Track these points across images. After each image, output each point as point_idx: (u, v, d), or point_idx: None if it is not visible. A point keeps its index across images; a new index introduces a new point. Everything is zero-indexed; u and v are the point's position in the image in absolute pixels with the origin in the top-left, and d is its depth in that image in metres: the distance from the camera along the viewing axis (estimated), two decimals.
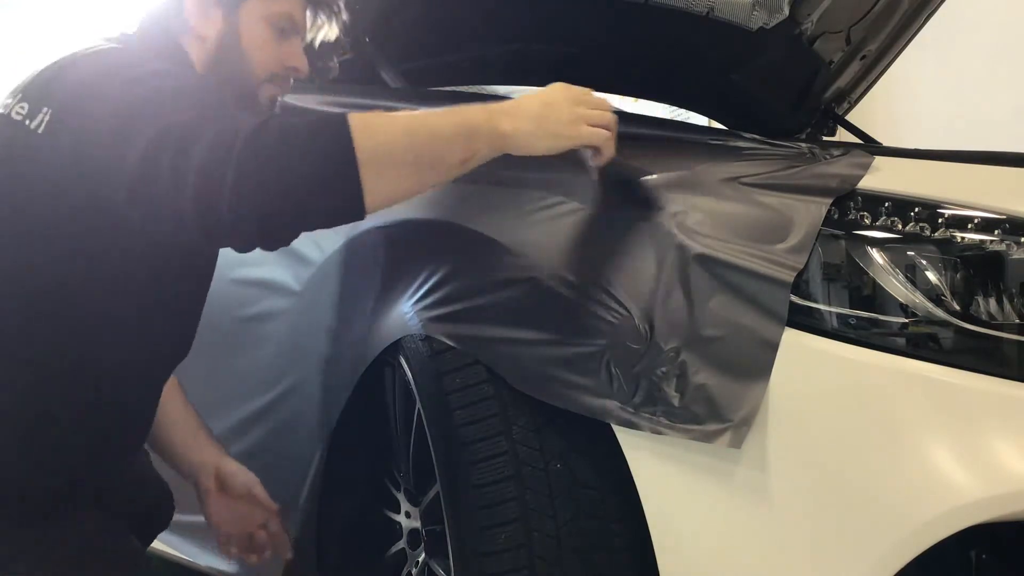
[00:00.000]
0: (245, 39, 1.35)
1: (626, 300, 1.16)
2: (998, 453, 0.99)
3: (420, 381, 1.32)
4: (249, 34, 1.35)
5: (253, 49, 1.36)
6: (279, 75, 1.39)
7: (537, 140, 1.17)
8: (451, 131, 1.14)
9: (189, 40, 1.35)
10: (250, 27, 1.35)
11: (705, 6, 2.09)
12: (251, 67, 1.36)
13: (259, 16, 1.36)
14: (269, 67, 1.37)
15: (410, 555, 1.57)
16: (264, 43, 1.36)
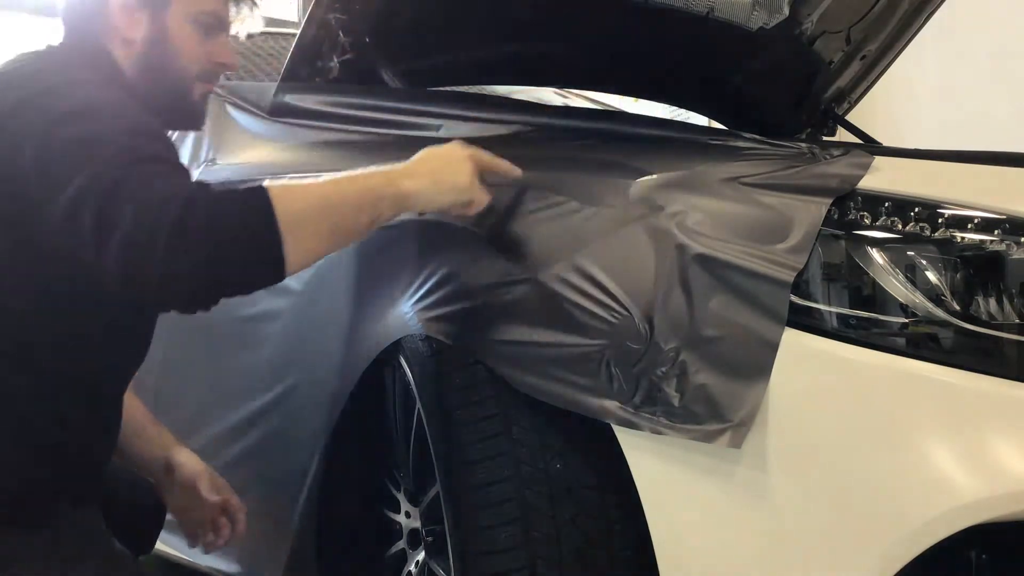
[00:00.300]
0: (172, 40, 1.37)
1: (626, 300, 1.16)
2: (998, 453, 0.99)
3: (420, 381, 1.32)
4: (176, 35, 1.37)
5: (181, 49, 1.37)
6: (209, 72, 1.41)
7: (436, 196, 1.25)
8: (358, 200, 1.21)
9: (116, 44, 1.35)
10: (177, 28, 1.37)
11: (705, 6, 2.08)
12: (180, 67, 1.38)
13: (185, 16, 1.37)
14: (198, 65, 1.39)
15: (410, 555, 1.57)
16: (191, 42, 1.38)
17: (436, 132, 1.60)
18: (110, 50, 1.35)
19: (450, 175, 1.25)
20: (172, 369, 1.96)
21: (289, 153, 1.81)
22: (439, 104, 1.65)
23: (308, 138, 1.79)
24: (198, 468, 1.57)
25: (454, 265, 1.34)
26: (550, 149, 1.48)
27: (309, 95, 1.83)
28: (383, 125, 1.68)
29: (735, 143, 1.32)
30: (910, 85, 3.82)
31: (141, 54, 1.36)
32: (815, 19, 2.16)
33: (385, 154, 1.62)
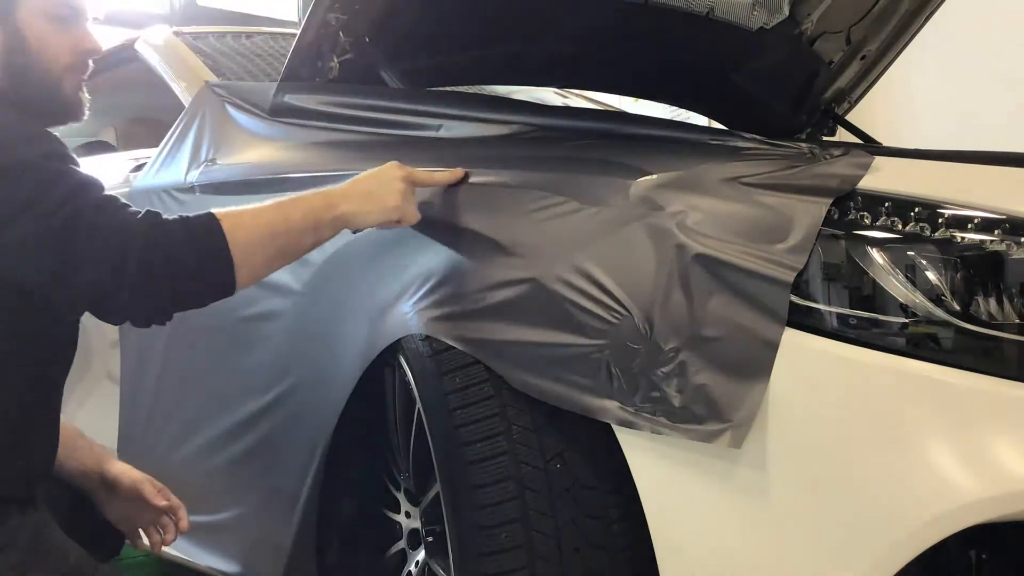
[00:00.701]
0: (30, 40, 1.36)
1: (626, 300, 1.16)
2: (998, 453, 0.99)
3: (420, 381, 1.32)
4: (32, 33, 1.36)
5: (42, 48, 1.37)
6: (76, 63, 1.40)
7: (369, 214, 1.35)
8: (302, 224, 1.32)
9: None
10: (30, 26, 1.36)
11: (705, 6, 2.08)
12: (45, 65, 1.37)
13: (36, 13, 1.36)
14: (63, 58, 1.38)
15: (410, 555, 1.57)
16: (50, 38, 1.37)
17: (436, 132, 1.60)
18: None
19: (380, 197, 1.35)
20: (172, 369, 1.96)
21: (289, 153, 1.81)
22: (439, 104, 1.65)
23: (308, 138, 1.79)
24: (137, 476, 1.59)
25: (454, 265, 1.34)
26: (550, 149, 1.48)
27: (309, 95, 1.83)
28: (383, 125, 1.68)
29: (735, 143, 1.32)
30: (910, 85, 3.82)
31: (2, 60, 1.36)
32: (815, 19, 2.16)
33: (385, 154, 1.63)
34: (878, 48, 2.30)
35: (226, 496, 1.84)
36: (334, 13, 1.78)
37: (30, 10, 1.36)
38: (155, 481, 1.61)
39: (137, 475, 1.59)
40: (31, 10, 1.36)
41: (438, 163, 1.50)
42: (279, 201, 1.33)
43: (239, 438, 1.77)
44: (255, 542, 1.77)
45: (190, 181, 1.98)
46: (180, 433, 1.92)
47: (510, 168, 1.41)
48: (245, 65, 2.43)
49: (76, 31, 1.40)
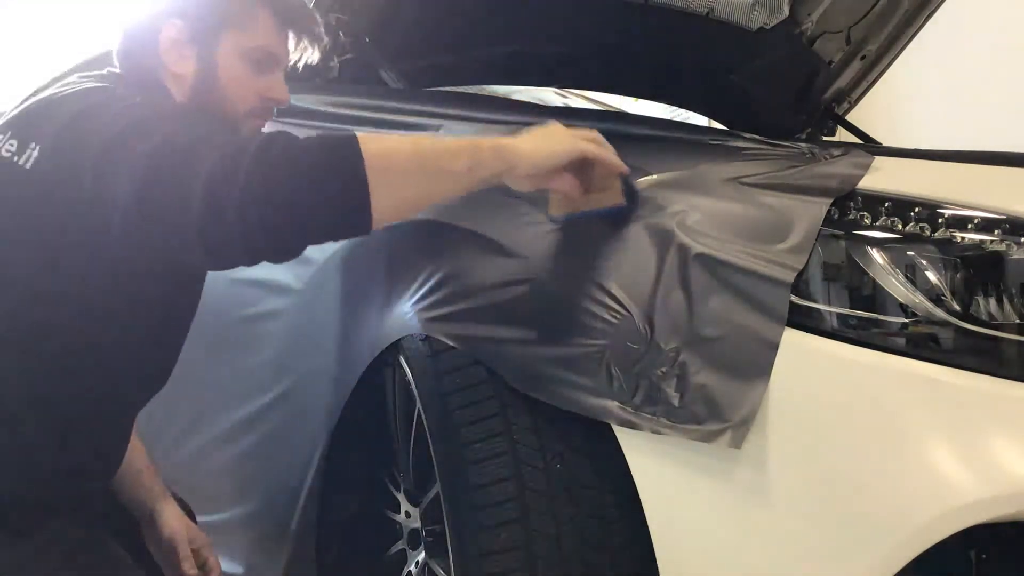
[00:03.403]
0: (222, 76, 1.34)
1: (626, 300, 1.16)
2: (998, 453, 0.99)
3: (420, 381, 1.32)
4: (226, 70, 1.34)
5: (231, 85, 1.34)
6: (259, 109, 1.38)
7: (538, 154, 1.19)
8: (456, 145, 1.16)
9: (167, 77, 1.34)
10: (227, 64, 1.34)
11: (705, 6, 2.09)
12: (230, 103, 1.35)
13: (235, 52, 1.34)
14: (248, 101, 1.36)
15: (410, 555, 1.57)
16: (242, 78, 1.35)
17: (436, 132, 1.60)
18: (163, 82, 1.34)
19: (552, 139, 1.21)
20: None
21: None
22: (439, 104, 1.65)
23: None
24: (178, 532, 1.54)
25: (454, 265, 1.34)
26: None
27: (309, 95, 1.83)
28: (383, 125, 1.68)
29: (735, 143, 1.32)
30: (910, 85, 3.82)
31: (191, 90, 1.33)
32: (815, 19, 2.17)
33: None
34: (878, 48, 2.30)
35: (226, 496, 1.84)
36: (334, 13, 1.78)
37: (231, 49, 1.34)
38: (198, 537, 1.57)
39: (179, 530, 1.53)
40: (231, 49, 1.34)
41: None
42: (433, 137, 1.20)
43: (239, 438, 1.77)
44: (255, 542, 1.77)
45: None
46: (180, 433, 1.92)
47: None
48: None
49: (269, 79, 1.37)
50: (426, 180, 1.15)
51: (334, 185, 1.08)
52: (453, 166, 1.15)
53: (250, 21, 1.35)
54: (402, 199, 1.14)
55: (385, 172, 1.10)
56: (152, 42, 1.33)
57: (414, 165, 1.14)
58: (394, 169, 1.12)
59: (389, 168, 1.11)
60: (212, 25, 1.33)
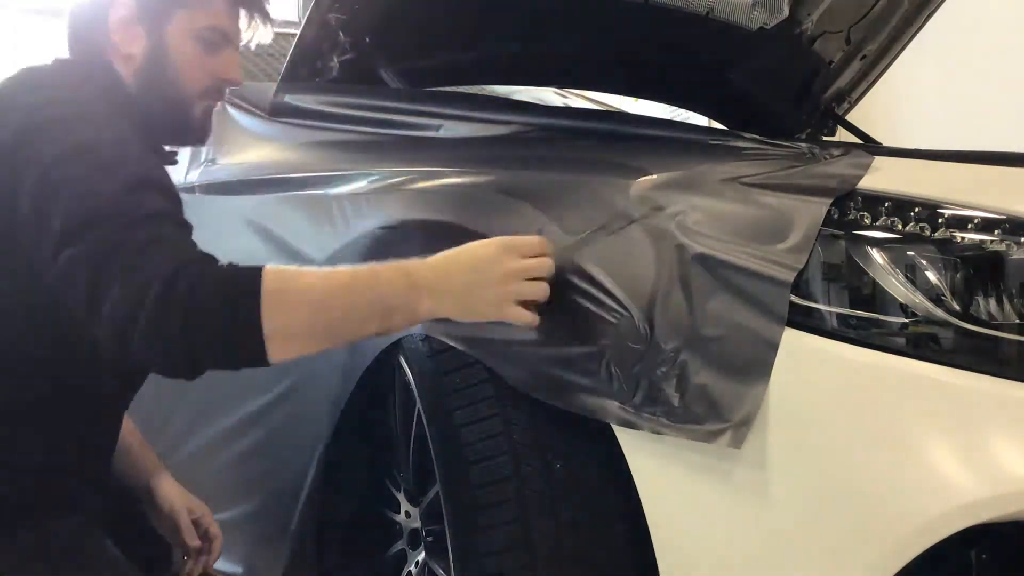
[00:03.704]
0: (172, 56, 1.33)
1: (626, 300, 1.16)
2: (998, 453, 0.99)
3: (420, 381, 1.32)
4: (177, 50, 1.33)
5: (182, 68, 1.33)
6: (212, 89, 1.37)
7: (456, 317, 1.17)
8: (367, 309, 1.12)
9: (117, 59, 1.33)
10: (177, 43, 1.33)
11: (705, 6, 2.08)
12: (182, 83, 1.34)
13: (186, 31, 1.33)
14: (201, 82, 1.36)
15: (410, 555, 1.57)
16: (193, 58, 1.34)
17: (436, 132, 1.60)
18: (114, 65, 1.33)
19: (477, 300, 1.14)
20: None
21: (289, 153, 1.81)
22: (439, 104, 1.65)
23: (308, 138, 1.79)
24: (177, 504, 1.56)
25: None
26: (550, 149, 1.48)
27: (309, 95, 1.83)
28: (383, 125, 1.68)
29: (735, 143, 1.32)
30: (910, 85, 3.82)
31: (141, 69, 1.33)
32: (815, 19, 2.16)
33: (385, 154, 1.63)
34: (878, 48, 2.30)
35: (226, 496, 1.84)
36: (334, 13, 1.78)
37: (181, 28, 1.33)
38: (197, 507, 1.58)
39: (178, 503, 1.55)
40: (182, 28, 1.33)
41: (438, 163, 1.50)
42: (352, 271, 1.14)
43: (240, 438, 1.77)
44: (255, 542, 1.77)
45: (190, 181, 1.98)
46: (180, 433, 1.92)
47: (510, 168, 1.41)
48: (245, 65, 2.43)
49: (221, 58, 1.37)
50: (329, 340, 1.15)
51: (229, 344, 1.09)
52: (360, 330, 1.15)
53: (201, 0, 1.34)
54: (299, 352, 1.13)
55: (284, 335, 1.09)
56: (101, 22, 1.32)
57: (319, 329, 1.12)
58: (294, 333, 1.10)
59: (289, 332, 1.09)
60: (163, 4, 1.32)
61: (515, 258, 1.15)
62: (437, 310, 1.14)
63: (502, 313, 1.14)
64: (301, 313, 1.10)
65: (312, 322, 1.11)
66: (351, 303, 1.12)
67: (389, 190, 1.50)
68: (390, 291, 1.13)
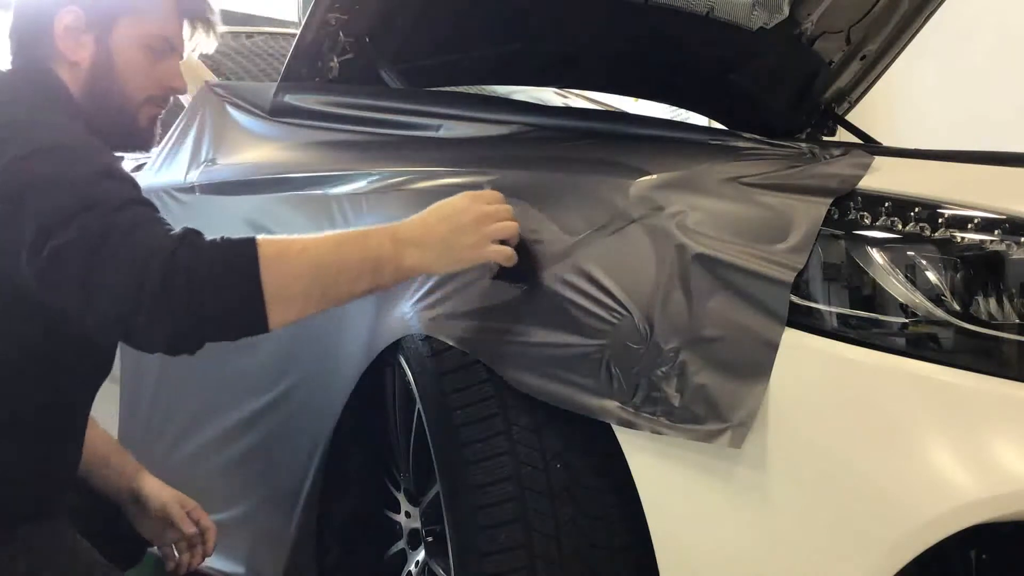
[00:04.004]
0: (119, 63, 1.34)
1: (626, 300, 1.16)
2: (998, 453, 0.99)
3: (420, 381, 1.32)
4: (123, 58, 1.35)
5: (128, 74, 1.35)
6: (158, 96, 1.39)
7: (441, 266, 1.23)
8: (358, 267, 1.17)
9: (62, 67, 1.33)
10: (124, 51, 1.34)
11: (705, 6, 2.09)
12: (128, 90, 1.36)
13: (132, 39, 1.35)
14: (146, 89, 1.37)
15: (410, 555, 1.57)
16: (139, 66, 1.36)
17: (436, 132, 1.60)
18: (58, 74, 1.33)
19: (458, 247, 1.20)
20: (172, 369, 1.95)
21: (289, 153, 1.81)
22: (439, 104, 1.65)
23: (308, 138, 1.79)
24: (167, 497, 1.57)
25: None
26: (550, 149, 1.48)
27: (309, 95, 1.83)
28: (383, 125, 1.68)
29: (735, 143, 1.32)
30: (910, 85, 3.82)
31: (87, 76, 1.34)
32: (815, 19, 2.16)
33: (385, 154, 1.63)
34: (878, 48, 2.30)
35: (226, 496, 1.84)
36: (334, 13, 1.78)
37: (128, 34, 1.35)
38: (186, 500, 1.59)
39: (167, 496, 1.57)
40: (129, 34, 1.35)
41: (438, 163, 1.50)
42: (340, 234, 1.20)
43: (239, 438, 1.77)
44: (255, 542, 1.77)
45: (190, 181, 1.98)
46: (180, 433, 1.92)
47: (510, 168, 1.41)
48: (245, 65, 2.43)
49: (166, 66, 1.39)
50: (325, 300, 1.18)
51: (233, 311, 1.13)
52: (354, 290, 1.19)
53: (148, 8, 1.36)
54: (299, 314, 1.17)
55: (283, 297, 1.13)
56: (46, 31, 1.33)
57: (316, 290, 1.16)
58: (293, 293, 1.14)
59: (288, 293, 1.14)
60: (110, 11, 1.34)
61: (482, 204, 1.22)
62: (422, 261, 1.20)
63: (483, 254, 1.20)
64: (299, 275, 1.14)
65: (309, 283, 1.15)
66: (343, 262, 1.17)
67: (389, 190, 1.50)
68: (377, 248, 1.18)
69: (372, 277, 1.18)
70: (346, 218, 1.55)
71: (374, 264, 1.18)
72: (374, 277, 1.18)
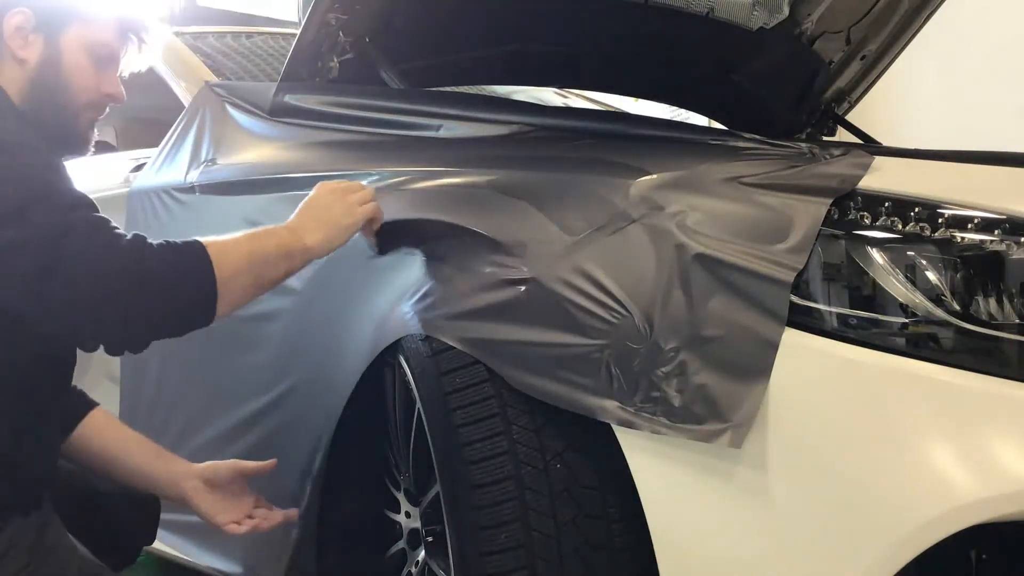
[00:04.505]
0: (66, 64, 1.40)
1: (626, 300, 1.16)
2: (998, 453, 0.99)
3: (420, 381, 1.32)
4: (70, 59, 1.40)
5: (73, 76, 1.40)
6: (96, 102, 1.44)
7: (333, 240, 1.40)
8: (276, 256, 1.35)
9: (7, 63, 1.38)
10: (70, 54, 1.40)
11: (705, 6, 2.09)
12: (71, 94, 1.41)
13: (79, 44, 1.41)
14: (88, 93, 1.42)
15: (410, 555, 1.57)
16: (84, 71, 1.41)
17: (436, 132, 1.60)
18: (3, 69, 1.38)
19: (338, 218, 1.39)
20: (172, 369, 1.95)
21: (289, 153, 1.81)
22: (439, 104, 1.65)
23: (308, 138, 1.79)
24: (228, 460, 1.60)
25: (454, 265, 1.34)
26: (550, 149, 1.48)
27: (309, 95, 1.83)
28: (383, 125, 1.69)
29: (735, 143, 1.32)
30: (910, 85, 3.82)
31: (32, 77, 1.38)
32: (815, 19, 2.16)
33: (385, 154, 1.63)
34: (878, 48, 2.30)
35: None
36: (334, 13, 1.78)
37: (76, 38, 1.40)
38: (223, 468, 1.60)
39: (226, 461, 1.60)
40: (76, 38, 1.40)
41: (438, 163, 1.51)
42: (253, 232, 1.36)
43: (239, 438, 1.77)
44: (255, 542, 1.77)
45: (190, 181, 1.98)
46: (180, 433, 1.92)
47: (510, 168, 1.41)
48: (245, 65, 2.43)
49: (107, 73, 1.44)
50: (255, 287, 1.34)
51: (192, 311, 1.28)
52: (275, 276, 1.37)
53: (95, 17, 1.43)
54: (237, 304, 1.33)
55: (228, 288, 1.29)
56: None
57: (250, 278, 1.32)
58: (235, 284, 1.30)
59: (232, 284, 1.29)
60: (60, 15, 1.40)
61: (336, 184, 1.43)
62: (319, 239, 1.38)
63: (356, 217, 1.40)
64: (237, 270, 1.30)
65: (245, 276, 1.31)
66: (265, 254, 1.34)
67: (389, 190, 1.50)
68: (282, 238, 1.36)
69: (287, 263, 1.36)
70: None
71: (285, 252, 1.35)
72: (288, 263, 1.36)
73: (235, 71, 2.38)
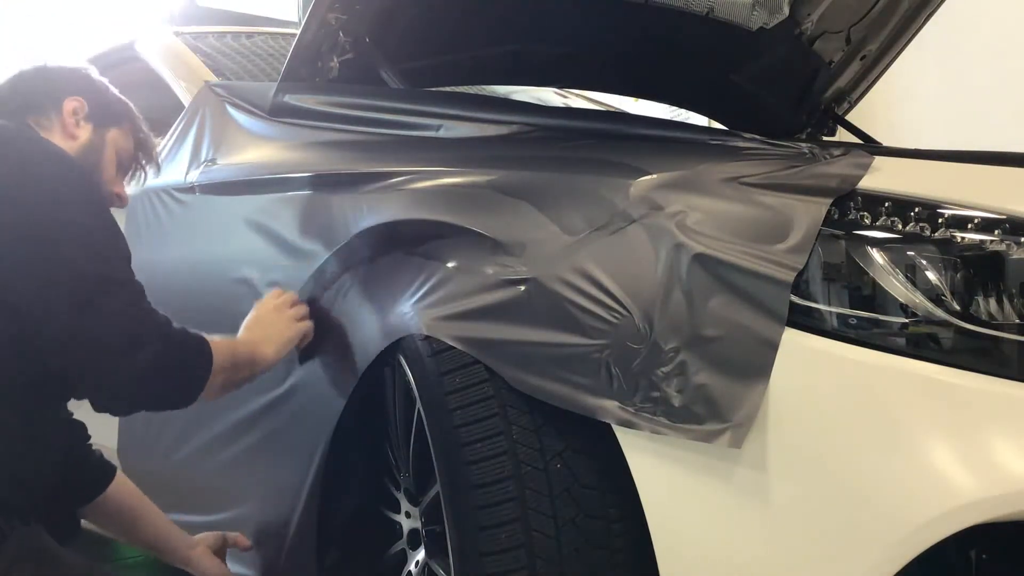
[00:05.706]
0: (105, 156, 1.63)
1: (626, 300, 1.16)
2: (998, 453, 0.99)
3: (420, 381, 1.32)
4: (107, 154, 1.64)
5: (105, 167, 1.63)
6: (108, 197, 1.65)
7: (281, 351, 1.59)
8: (246, 361, 1.54)
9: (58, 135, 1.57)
10: (108, 148, 1.64)
11: (705, 6, 2.09)
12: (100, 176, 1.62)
13: (115, 144, 1.65)
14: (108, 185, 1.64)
15: (410, 555, 1.57)
16: (110, 166, 1.65)
17: (436, 132, 1.60)
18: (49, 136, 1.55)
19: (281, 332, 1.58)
20: None
21: (289, 153, 1.81)
22: (439, 104, 1.65)
23: (308, 138, 1.79)
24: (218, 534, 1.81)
25: (454, 265, 1.34)
26: (550, 149, 1.48)
27: (309, 95, 1.83)
28: (383, 125, 1.68)
29: (735, 143, 1.32)
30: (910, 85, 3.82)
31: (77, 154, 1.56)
32: (815, 19, 2.16)
33: (385, 154, 1.63)
34: (878, 48, 2.30)
35: (226, 496, 1.84)
36: (334, 13, 1.78)
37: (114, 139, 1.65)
38: None
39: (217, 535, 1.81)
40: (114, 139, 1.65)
41: (438, 163, 1.50)
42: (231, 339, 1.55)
43: (239, 438, 1.77)
44: (255, 542, 1.77)
45: (190, 181, 1.98)
46: (180, 433, 1.92)
47: (510, 168, 1.41)
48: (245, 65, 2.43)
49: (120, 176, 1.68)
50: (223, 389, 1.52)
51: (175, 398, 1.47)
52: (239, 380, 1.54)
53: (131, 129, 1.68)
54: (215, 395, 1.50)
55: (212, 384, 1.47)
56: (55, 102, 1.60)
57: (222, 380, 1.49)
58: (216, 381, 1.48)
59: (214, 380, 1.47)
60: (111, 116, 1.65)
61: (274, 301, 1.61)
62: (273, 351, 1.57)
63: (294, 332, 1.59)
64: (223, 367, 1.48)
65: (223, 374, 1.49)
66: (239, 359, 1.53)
67: (389, 190, 1.50)
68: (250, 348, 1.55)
69: (250, 370, 1.55)
70: (346, 218, 1.55)
71: (248, 362, 1.54)
72: (251, 369, 1.55)
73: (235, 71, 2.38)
